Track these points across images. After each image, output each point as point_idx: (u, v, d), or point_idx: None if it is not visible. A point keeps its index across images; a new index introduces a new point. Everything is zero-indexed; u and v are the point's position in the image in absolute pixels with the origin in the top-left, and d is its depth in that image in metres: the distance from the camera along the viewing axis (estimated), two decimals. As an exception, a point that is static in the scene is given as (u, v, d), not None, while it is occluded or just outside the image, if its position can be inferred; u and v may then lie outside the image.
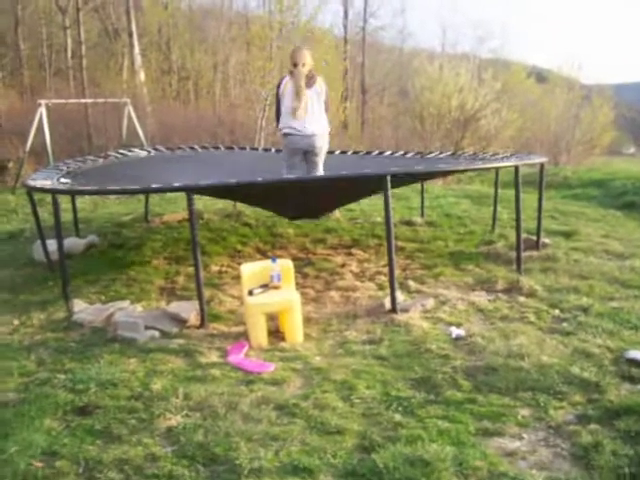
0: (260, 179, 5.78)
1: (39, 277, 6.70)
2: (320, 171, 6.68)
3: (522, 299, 5.61)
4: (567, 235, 7.95)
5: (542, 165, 7.09)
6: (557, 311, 5.28)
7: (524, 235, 6.46)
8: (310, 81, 6.47)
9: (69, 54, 22.09)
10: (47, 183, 6.25)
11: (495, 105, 18.68)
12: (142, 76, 20.76)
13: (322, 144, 6.62)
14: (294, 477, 3.00)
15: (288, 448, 3.25)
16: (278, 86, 6.66)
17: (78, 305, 5.64)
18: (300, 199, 6.80)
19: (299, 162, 6.62)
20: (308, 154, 6.60)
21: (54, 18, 24.26)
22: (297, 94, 6.39)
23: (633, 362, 4.17)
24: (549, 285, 5.92)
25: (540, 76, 30.84)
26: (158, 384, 4.06)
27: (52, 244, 6.55)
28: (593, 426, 3.41)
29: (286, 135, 6.56)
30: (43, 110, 12.87)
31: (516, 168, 6.23)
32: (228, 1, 28.56)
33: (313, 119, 6.50)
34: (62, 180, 6.47)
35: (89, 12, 24.14)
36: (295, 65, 6.45)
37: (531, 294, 5.71)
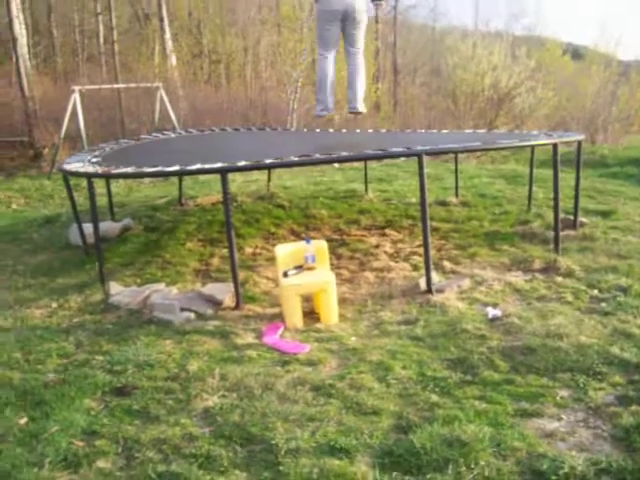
0: (294, 157, 5.74)
1: (76, 260, 6.79)
2: (360, 51, 6.06)
3: (559, 279, 5.53)
4: (605, 214, 7.80)
5: (579, 143, 6.96)
6: (595, 291, 5.20)
7: (561, 214, 6.35)
8: None
9: (101, 40, 22.19)
10: (82, 167, 6.31)
11: (529, 83, 18.38)
12: (173, 60, 20.79)
13: (363, 8, 5.90)
14: (331, 457, 3.00)
15: (324, 428, 3.26)
16: None
17: (114, 288, 5.70)
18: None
19: (336, 36, 5.96)
20: (347, 22, 5.92)
21: (86, 4, 24.37)
22: None
23: (675, 342, 4.09)
24: (587, 265, 5.82)
25: (576, 53, 30.24)
26: (194, 365, 4.09)
27: (88, 228, 6.63)
28: (634, 407, 3.35)
29: None
30: (77, 96, 12.97)
31: (554, 146, 6.12)
32: (258, -17, 28.45)
33: None
34: (96, 164, 6.51)
35: (120, -2, 24.24)
36: None
37: (569, 274, 5.62)
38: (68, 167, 6.41)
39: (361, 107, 6.53)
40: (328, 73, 6.08)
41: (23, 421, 3.47)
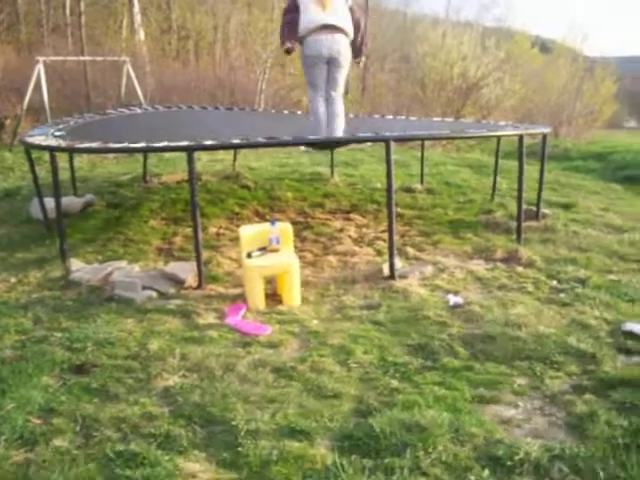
0: (261, 139, 5.71)
1: (36, 235, 6.67)
2: (341, 95, 6.21)
3: (520, 269, 5.61)
4: (566, 207, 7.93)
5: (545, 136, 7.04)
6: (555, 282, 5.28)
7: (524, 205, 6.43)
8: None
9: (67, 11, 21.75)
10: (45, 140, 6.18)
11: (497, 74, 18.52)
12: (142, 35, 20.50)
13: (348, 53, 6.06)
14: (291, 439, 3.01)
15: (285, 410, 3.26)
16: None
17: (75, 264, 5.62)
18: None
19: (324, 77, 6.07)
20: (332, 66, 6.03)
21: (52, -27, 23.86)
22: None
23: (629, 334, 4.17)
24: (547, 256, 5.91)
25: (544, 46, 30.48)
26: (155, 344, 4.06)
27: (49, 202, 6.51)
28: (588, 396, 3.42)
29: (305, 40, 5.97)
30: (41, 67, 12.68)
31: (520, 137, 6.19)
32: (229, -40, 28.08)
33: (339, 14, 5.96)
34: (59, 137, 6.40)
35: (88, -32, 23.70)
36: None
37: (530, 264, 5.70)
38: (31, 140, 6.28)
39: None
40: (320, 116, 6.18)
41: (-22, 397, 3.41)
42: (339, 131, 6.24)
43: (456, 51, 18.30)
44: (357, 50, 6.24)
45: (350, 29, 6.04)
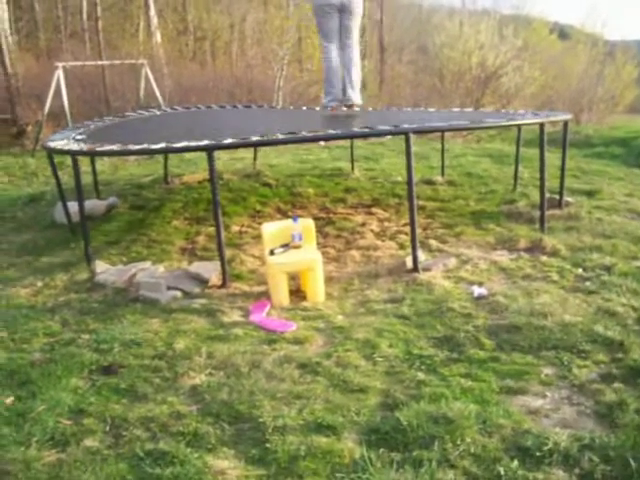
0: (280, 135, 5.71)
1: (61, 239, 6.75)
2: (355, 43, 6.11)
3: (545, 258, 5.56)
4: (590, 194, 7.84)
5: (566, 123, 6.97)
6: (580, 270, 5.23)
7: (547, 194, 6.37)
8: None
9: (84, 16, 21.89)
10: (67, 145, 6.24)
11: (516, 62, 18.34)
12: (158, 37, 20.57)
13: (359, 0, 5.95)
14: (318, 435, 3.02)
15: (311, 406, 3.27)
16: None
17: (100, 266, 5.68)
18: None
19: (336, 26, 6.01)
20: (344, 14, 6.00)
21: (69, -21, 24.03)
22: None
23: (658, 320, 4.13)
24: (572, 244, 5.85)
25: (562, 32, 30.15)
26: (181, 343, 4.09)
27: (73, 206, 6.58)
28: (617, 385, 3.39)
29: None
30: (60, 72, 12.82)
31: (541, 125, 6.12)
32: (244, -41, 28.10)
33: None
34: (80, 141, 6.45)
35: (104, -28, 23.85)
36: None
37: (554, 253, 5.65)
38: (52, 145, 6.35)
39: (356, 99, 6.46)
40: (334, 64, 6.09)
41: (10, 400, 3.46)
42: (355, 83, 6.14)
43: (474, 40, 18.14)
44: None
45: None
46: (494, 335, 4.07)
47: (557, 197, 7.09)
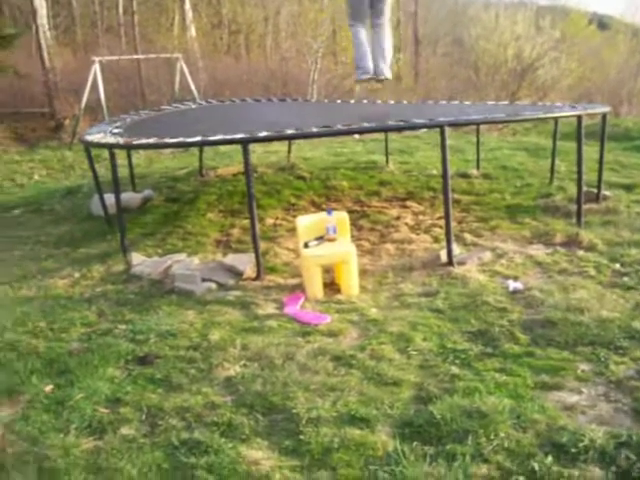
0: (315, 128, 5.72)
1: (98, 231, 6.85)
2: (387, 22, 6.08)
3: (581, 253, 5.49)
4: (628, 188, 7.70)
5: (605, 115, 6.86)
6: (618, 265, 5.15)
7: (584, 188, 6.28)
8: None
9: (120, 10, 22.12)
10: (104, 138, 6.32)
11: (553, 54, 18.05)
12: (193, 31, 20.71)
13: None
14: (351, 427, 3.03)
15: (345, 398, 3.28)
16: None
17: (136, 258, 5.75)
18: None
19: (366, 5, 5.96)
20: None
21: (105, -25, 24.29)
22: None
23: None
24: (609, 239, 5.76)
25: (601, 23, 29.63)
26: (216, 335, 4.13)
27: (109, 198, 6.67)
28: (656, 381, 3.34)
29: None
30: (97, 67, 12.98)
31: (579, 118, 6.04)
32: (278, -48, 28.11)
33: None
34: (117, 135, 6.53)
35: (140, -33, 24.05)
36: None
37: (591, 248, 5.57)
38: (90, 138, 6.44)
39: (388, 73, 6.44)
40: (364, 41, 6.05)
41: (49, 388, 3.54)
42: (387, 62, 6.12)
43: (509, 32, 17.89)
44: None
45: None
46: (529, 330, 4.03)
47: (595, 191, 6.98)
